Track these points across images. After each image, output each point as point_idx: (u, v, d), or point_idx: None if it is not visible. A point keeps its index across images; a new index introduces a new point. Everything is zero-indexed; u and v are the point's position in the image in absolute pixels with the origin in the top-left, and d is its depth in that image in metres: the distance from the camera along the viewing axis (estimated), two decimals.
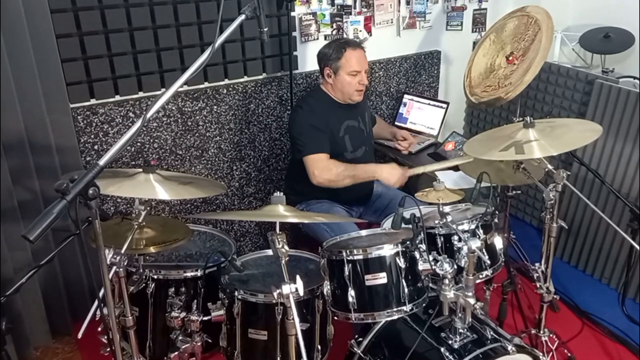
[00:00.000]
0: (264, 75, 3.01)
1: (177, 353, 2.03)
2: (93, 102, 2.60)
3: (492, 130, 2.26)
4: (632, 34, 3.00)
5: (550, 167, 2.03)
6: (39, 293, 2.54)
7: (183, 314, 2.00)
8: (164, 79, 2.70)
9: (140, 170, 1.90)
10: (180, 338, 2.03)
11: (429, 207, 2.10)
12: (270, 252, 2.21)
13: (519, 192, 2.70)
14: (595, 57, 3.19)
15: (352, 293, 1.86)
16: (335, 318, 1.97)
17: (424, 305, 1.93)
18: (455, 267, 1.82)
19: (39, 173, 2.42)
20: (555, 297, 2.49)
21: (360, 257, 1.87)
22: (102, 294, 1.54)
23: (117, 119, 2.64)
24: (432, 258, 1.87)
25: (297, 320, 1.65)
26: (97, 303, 1.69)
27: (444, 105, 3.30)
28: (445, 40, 3.59)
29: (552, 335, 2.36)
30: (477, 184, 2.02)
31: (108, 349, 1.97)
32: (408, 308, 1.86)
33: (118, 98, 2.65)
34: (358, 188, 2.63)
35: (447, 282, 1.81)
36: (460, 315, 1.84)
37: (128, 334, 1.82)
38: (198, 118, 2.85)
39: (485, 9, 3.60)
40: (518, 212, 3.64)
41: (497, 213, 2.17)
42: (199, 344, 2.03)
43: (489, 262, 2.01)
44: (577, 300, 2.86)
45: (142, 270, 1.97)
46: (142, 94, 2.70)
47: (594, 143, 2.88)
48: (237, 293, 1.95)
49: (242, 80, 2.95)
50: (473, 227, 2.01)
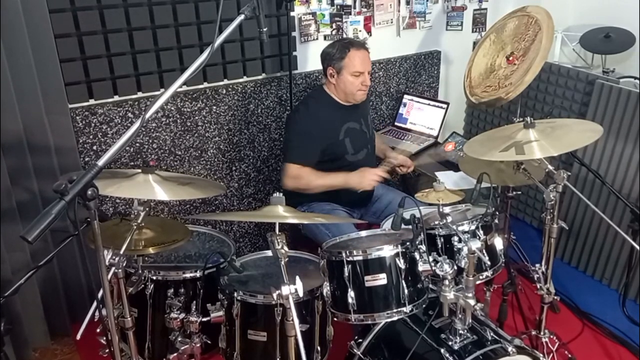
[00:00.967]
0: (264, 76, 3.01)
1: (176, 354, 2.04)
2: (92, 102, 2.59)
3: (492, 131, 2.26)
4: (632, 34, 2.99)
5: (551, 167, 2.03)
6: (38, 294, 2.53)
7: (182, 315, 2.00)
8: (163, 79, 2.70)
9: (139, 171, 1.89)
10: (180, 339, 2.03)
11: (429, 207, 2.09)
12: (270, 253, 2.21)
13: (519, 192, 2.69)
14: (596, 57, 3.19)
15: (351, 294, 1.85)
16: (335, 319, 1.96)
17: (424, 306, 1.92)
18: (455, 268, 1.81)
19: (38, 173, 2.42)
20: (556, 298, 2.48)
21: (360, 258, 1.86)
22: (100, 295, 1.54)
23: (115, 120, 2.63)
24: (432, 259, 1.86)
25: (296, 322, 1.65)
26: (96, 304, 1.69)
27: (444, 106, 3.29)
28: (445, 41, 3.59)
29: (552, 337, 2.35)
30: (477, 185, 2.01)
31: (107, 350, 1.98)
32: (408, 309, 1.86)
33: (117, 98, 2.64)
34: (360, 191, 2.62)
35: (447, 283, 1.80)
36: (461, 317, 1.84)
37: (127, 335, 1.82)
38: (197, 118, 2.85)
39: (486, 9, 3.60)
40: (518, 212, 3.63)
41: (497, 214, 2.16)
42: (198, 345, 2.03)
43: (489, 263, 2.01)
44: (577, 302, 2.85)
45: (141, 271, 1.97)
46: (141, 94, 2.69)
47: (595, 143, 2.87)
48: (236, 294, 1.94)
49: (241, 81, 2.94)
50: (473, 227, 2.00)
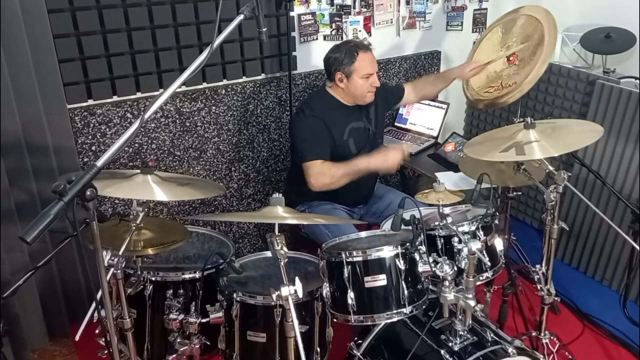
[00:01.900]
0: (263, 76, 3.00)
1: (175, 355, 2.03)
2: (90, 102, 2.58)
3: (492, 131, 2.25)
4: (633, 34, 2.99)
5: (551, 168, 2.02)
6: (36, 295, 2.52)
7: (181, 316, 1.99)
8: (162, 80, 2.69)
9: (138, 172, 1.89)
10: (179, 340, 2.03)
11: (429, 208, 2.09)
12: (269, 253, 2.20)
13: (520, 193, 2.69)
14: (597, 57, 3.18)
15: (351, 295, 1.85)
16: (335, 320, 1.95)
17: (424, 308, 1.92)
18: (456, 268, 1.81)
19: (36, 174, 2.41)
20: (556, 299, 2.48)
21: (360, 258, 1.86)
22: (99, 296, 1.54)
23: (114, 120, 2.62)
24: (432, 260, 1.86)
25: (296, 323, 1.64)
26: (94, 305, 1.69)
27: (444, 106, 3.28)
28: (445, 41, 3.58)
29: (553, 338, 2.35)
30: (477, 185, 2.01)
31: (106, 352, 1.97)
32: (408, 310, 1.85)
33: (116, 99, 2.64)
34: (359, 188, 2.61)
35: (447, 284, 1.80)
36: (461, 318, 1.83)
37: (126, 336, 1.81)
38: (196, 119, 2.84)
39: (486, 9, 3.59)
40: (519, 213, 3.63)
41: (497, 214, 2.16)
42: (197, 346, 2.03)
43: (490, 263, 2.00)
44: (578, 303, 2.84)
45: (140, 272, 1.96)
46: (140, 95, 2.68)
47: (595, 144, 2.87)
48: (235, 295, 1.94)
49: (240, 81, 2.94)
50: (473, 228, 2.00)
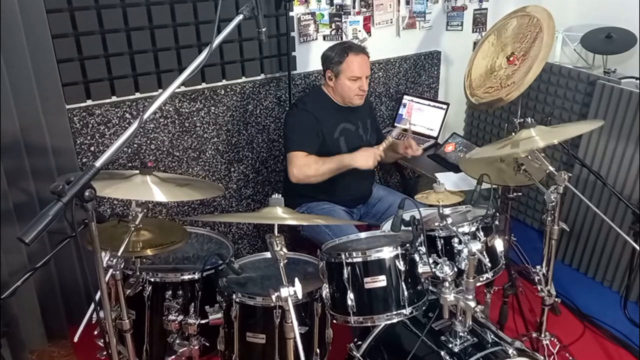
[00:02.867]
0: (262, 76, 3.00)
1: (174, 357, 2.02)
2: (89, 103, 2.58)
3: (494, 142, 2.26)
4: (634, 34, 2.98)
5: (552, 168, 2.02)
6: (35, 296, 2.51)
7: (180, 317, 1.99)
8: (161, 80, 2.69)
9: (137, 172, 1.88)
10: (178, 341, 2.02)
11: (429, 209, 2.08)
12: (269, 254, 2.20)
13: (520, 194, 2.69)
14: (597, 57, 3.17)
15: (351, 296, 1.84)
16: (334, 321, 1.94)
17: (424, 309, 1.91)
18: (456, 269, 1.80)
19: (35, 175, 2.40)
20: (557, 300, 2.47)
21: (360, 259, 1.85)
22: (98, 297, 1.53)
23: (113, 120, 2.62)
24: (432, 261, 1.85)
25: (295, 324, 1.64)
26: (93, 306, 1.68)
27: (444, 107, 3.28)
28: (446, 41, 3.58)
29: (553, 339, 2.34)
30: (477, 186, 2.00)
31: (104, 353, 1.96)
32: (408, 311, 1.84)
33: (115, 99, 2.63)
34: (358, 188, 2.61)
35: (447, 285, 1.80)
36: (461, 319, 1.83)
37: (125, 338, 1.80)
38: (195, 119, 2.83)
39: (486, 9, 3.59)
40: (519, 214, 3.62)
41: (497, 215, 2.16)
42: (197, 348, 2.02)
43: (490, 264, 2.00)
44: (578, 304, 2.84)
45: (138, 273, 1.96)
46: (138, 95, 2.68)
47: (596, 144, 2.87)
48: (234, 296, 1.93)
49: (240, 81, 2.93)
50: (473, 229, 1.99)
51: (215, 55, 2.77)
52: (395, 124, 3.35)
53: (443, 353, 1.80)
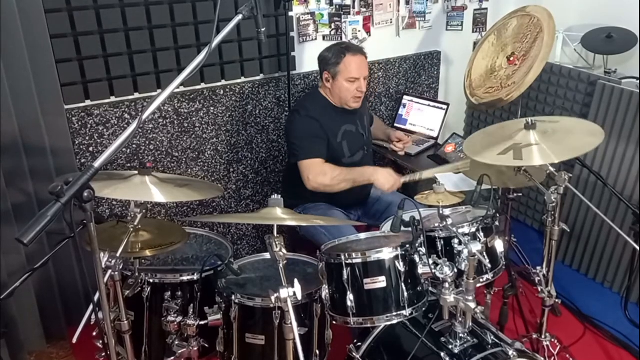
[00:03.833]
0: (262, 76, 2.99)
1: (173, 358, 2.02)
2: (88, 103, 2.57)
3: (493, 127, 2.21)
4: (634, 34, 2.98)
5: (552, 169, 2.01)
6: (34, 297, 2.51)
7: (179, 319, 1.98)
8: (160, 80, 2.68)
9: (136, 173, 1.88)
10: (177, 343, 2.02)
11: (429, 209, 2.07)
12: (268, 255, 2.19)
13: (520, 194, 2.68)
14: (598, 57, 3.17)
15: (350, 297, 1.84)
16: (334, 322, 1.94)
17: (424, 310, 1.90)
18: (456, 270, 1.80)
19: (33, 175, 2.40)
20: (557, 301, 2.47)
21: (359, 260, 1.85)
22: (97, 298, 1.53)
23: (112, 121, 2.61)
24: (432, 261, 1.84)
25: (295, 325, 1.63)
26: (92, 307, 1.68)
27: (444, 107, 3.27)
28: (446, 41, 3.57)
29: (553, 340, 2.33)
30: (477, 187, 1.99)
31: (103, 354, 1.96)
32: (407, 312, 1.84)
33: (113, 99, 2.63)
34: (355, 191, 2.60)
35: (447, 285, 1.79)
36: (461, 320, 1.82)
37: (123, 339, 1.80)
38: (195, 119, 2.83)
39: (486, 9, 3.58)
40: (519, 215, 3.62)
41: (498, 216, 2.15)
42: (196, 349, 2.02)
43: (490, 265, 1.98)
44: (579, 305, 2.83)
45: (137, 274, 1.95)
46: (137, 95, 2.67)
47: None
48: (234, 297, 1.93)
49: (239, 81, 2.93)
50: (474, 230, 1.98)
51: (215, 56, 2.76)
52: (395, 124, 3.36)
53: (443, 354, 1.79)
